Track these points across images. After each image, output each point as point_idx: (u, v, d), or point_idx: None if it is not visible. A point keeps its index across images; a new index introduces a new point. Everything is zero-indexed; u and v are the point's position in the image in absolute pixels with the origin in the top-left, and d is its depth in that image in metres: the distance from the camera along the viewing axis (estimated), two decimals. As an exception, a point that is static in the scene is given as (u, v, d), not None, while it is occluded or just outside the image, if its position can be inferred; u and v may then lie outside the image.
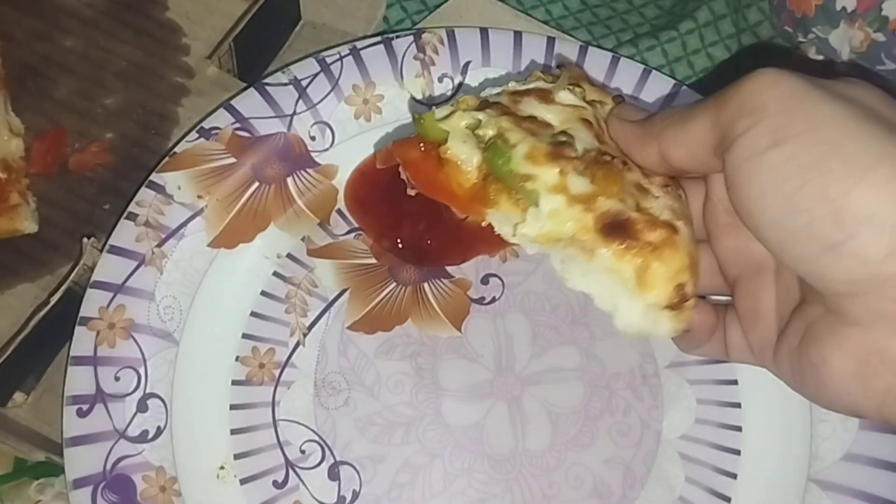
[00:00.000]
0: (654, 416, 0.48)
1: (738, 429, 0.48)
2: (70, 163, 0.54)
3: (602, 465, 0.48)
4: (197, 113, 0.55)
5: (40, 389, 0.49)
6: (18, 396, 0.49)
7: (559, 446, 0.48)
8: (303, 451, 0.48)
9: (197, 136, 0.51)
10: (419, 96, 0.53)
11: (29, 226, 0.51)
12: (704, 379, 0.49)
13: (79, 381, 0.46)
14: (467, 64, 0.53)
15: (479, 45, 0.53)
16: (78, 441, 0.45)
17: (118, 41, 0.58)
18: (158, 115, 0.56)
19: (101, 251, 0.49)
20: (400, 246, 0.51)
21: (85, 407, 0.46)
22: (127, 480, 0.45)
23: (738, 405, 0.49)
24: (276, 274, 0.51)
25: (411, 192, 0.40)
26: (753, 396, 0.48)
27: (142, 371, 0.47)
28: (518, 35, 0.53)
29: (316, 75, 0.52)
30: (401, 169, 0.39)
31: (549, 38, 0.53)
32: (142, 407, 0.47)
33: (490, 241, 0.50)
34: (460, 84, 0.53)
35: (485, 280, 0.51)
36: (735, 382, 0.49)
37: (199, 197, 0.50)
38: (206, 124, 0.51)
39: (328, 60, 0.53)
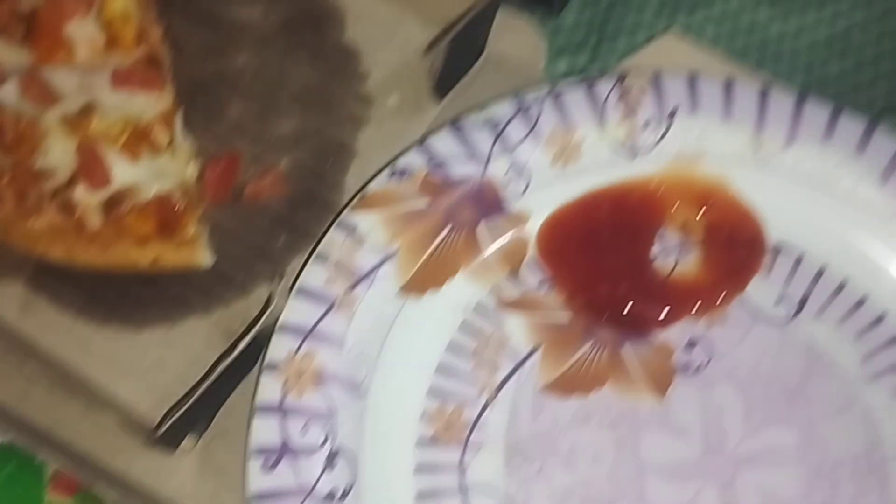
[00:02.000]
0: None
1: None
2: (245, 192, 0.51)
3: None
4: (375, 145, 0.52)
5: (210, 435, 0.46)
6: (188, 442, 0.45)
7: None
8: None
9: (388, 175, 0.48)
10: (623, 143, 0.49)
11: (205, 259, 0.48)
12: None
13: (265, 432, 0.43)
14: (675, 110, 0.49)
15: (686, 90, 0.50)
16: (265, 497, 0.42)
17: (293, 62, 0.55)
18: (336, 144, 0.53)
19: (288, 293, 0.45)
20: (596, 304, 0.47)
21: (271, 460, 0.42)
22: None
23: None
24: (463, 327, 0.47)
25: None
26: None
27: (330, 424, 0.44)
28: (730, 82, 0.49)
29: (513, 117, 0.49)
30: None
31: (763, 86, 0.50)
32: (330, 464, 0.43)
33: (696, 304, 0.47)
34: (666, 131, 0.49)
35: (690, 346, 0.47)
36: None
37: (391, 241, 0.47)
38: (399, 164, 0.48)
39: (526, 101, 0.49)
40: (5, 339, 0.46)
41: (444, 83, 0.53)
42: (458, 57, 0.53)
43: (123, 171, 0.48)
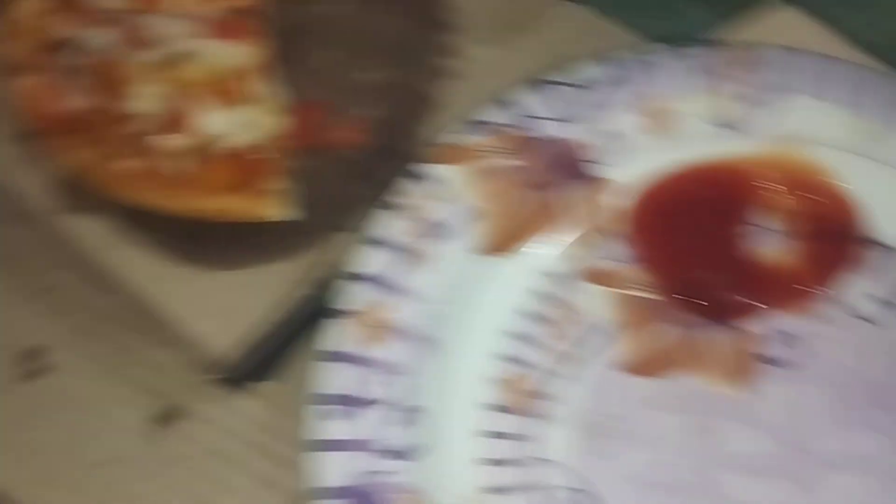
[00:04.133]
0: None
1: None
2: (326, 140, 0.49)
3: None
4: (459, 99, 0.50)
5: (281, 378, 0.45)
6: (260, 384, 0.44)
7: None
8: (560, 498, 0.42)
9: (469, 128, 0.46)
10: (720, 117, 0.47)
11: (287, 212, 0.46)
12: None
13: (333, 380, 0.42)
14: (780, 88, 0.47)
15: (796, 68, 0.47)
16: (329, 446, 0.41)
17: (384, 12, 0.53)
18: (419, 96, 0.51)
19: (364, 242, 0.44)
20: (682, 284, 0.45)
21: (338, 409, 0.41)
22: (379, 499, 0.40)
23: None
24: (543, 294, 0.46)
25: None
26: None
27: (399, 379, 0.43)
28: (844, 64, 0.47)
29: (602, 80, 0.47)
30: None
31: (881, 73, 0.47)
32: (394, 418, 0.42)
33: (788, 295, 0.44)
34: (768, 109, 0.47)
35: (778, 339, 0.45)
36: None
37: (471, 195, 0.45)
38: (480, 117, 0.46)
39: (621, 64, 0.47)
40: (84, 270, 0.46)
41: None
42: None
43: (212, 120, 0.47)
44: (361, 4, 0.53)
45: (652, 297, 0.46)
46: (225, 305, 0.45)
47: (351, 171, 0.49)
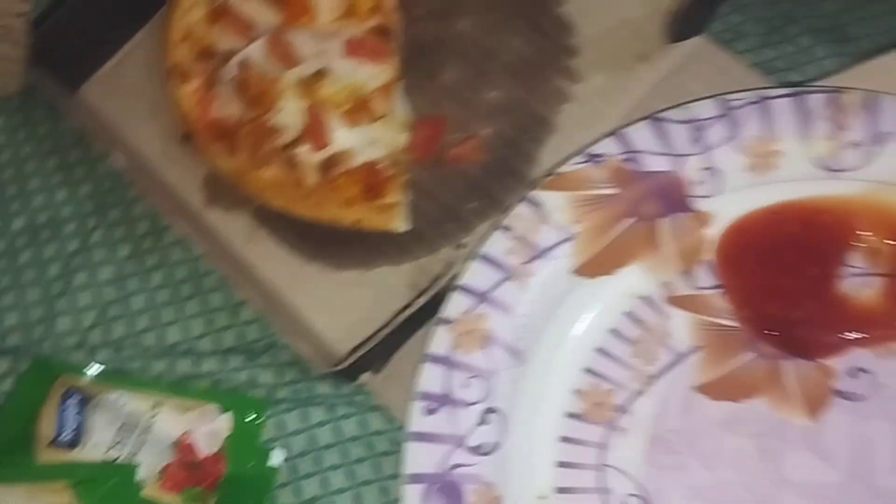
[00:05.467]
0: None
1: None
2: (446, 155, 0.54)
3: None
4: (575, 123, 0.54)
5: (384, 373, 0.51)
6: (366, 377, 0.51)
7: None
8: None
9: (583, 159, 0.50)
10: (824, 160, 0.49)
11: (403, 225, 0.52)
12: None
13: (431, 379, 0.48)
14: (886, 135, 0.48)
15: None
16: (421, 437, 0.47)
17: (509, 31, 0.57)
18: (537, 118, 0.55)
19: (471, 256, 0.49)
20: (765, 319, 0.48)
21: (433, 406, 0.47)
22: (458, 488, 0.46)
23: None
24: (629, 315, 0.50)
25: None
26: None
27: (489, 383, 0.48)
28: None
29: (716, 118, 0.49)
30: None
31: None
32: (485, 419, 0.47)
33: (869, 334, 0.46)
34: (873, 154, 0.48)
35: (854, 373, 0.47)
36: None
37: (574, 222, 0.49)
38: (595, 149, 0.50)
39: (732, 105, 0.49)
40: (230, 262, 0.53)
41: (680, 29, 0.53)
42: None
43: (342, 136, 0.52)
44: (488, 24, 0.56)
45: (735, 326, 0.49)
46: (341, 303, 0.51)
47: (466, 186, 0.54)
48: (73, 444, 0.50)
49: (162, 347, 0.54)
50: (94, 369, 0.53)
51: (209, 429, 0.51)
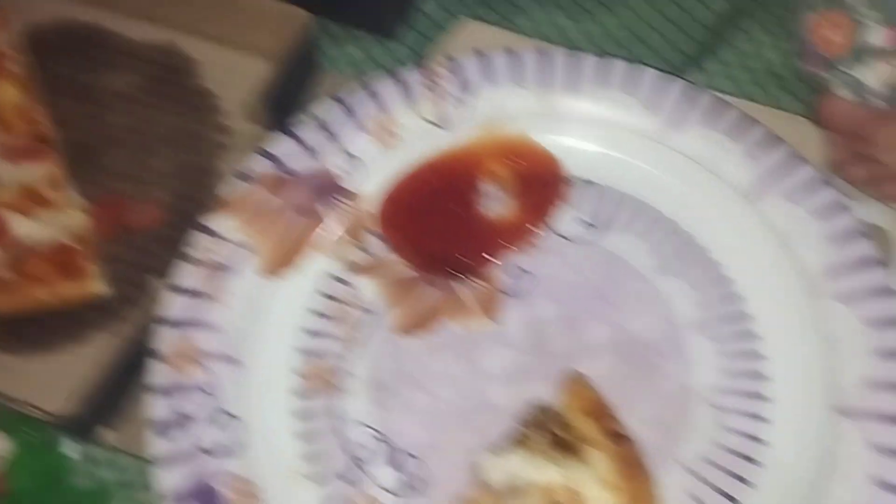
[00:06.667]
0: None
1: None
2: (130, 224, 0.60)
3: (639, 424, 0.51)
4: (237, 166, 0.61)
5: (121, 420, 0.55)
6: (106, 433, 0.54)
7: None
8: (366, 448, 0.52)
9: (238, 181, 0.57)
10: (433, 119, 0.58)
11: (101, 289, 0.57)
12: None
13: (158, 406, 0.51)
14: (472, 84, 0.59)
15: (479, 66, 0.59)
16: (164, 459, 0.50)
17: (159, 111, 0.64)
18: (204, 171, 0.62)
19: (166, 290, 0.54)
20: (434, 259, 0.56)
21: (166, 428, 0.51)
22: (213, 492, 0.50)
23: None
24: (323, 294, 0.56)
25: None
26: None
27: (216, 392, 0.52)
28: (515, 53, 0.59)
29: (336, 113, 0.58)
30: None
31: (541, 51, 0.59)
32: (220, 423, 0.51)
33: (514, 238, 0.55)
34: (468, 102, 0.58)
35: (512, 273, 0.55)
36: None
37: (247, 234, 0.56)
38: (245, 169, 0.57)
39: (344, 98, 0.58)
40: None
41: (288, 105, 0.63)
42: (294, 81, 0.63)
43: (23, 227, 0.57)
44: (147, 108, 0.64)
45: (412, 274, 0.56)
46: (59, 377, 0.54)
47: (157, 243, 0.59)
48: None
49: None
50: None
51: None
